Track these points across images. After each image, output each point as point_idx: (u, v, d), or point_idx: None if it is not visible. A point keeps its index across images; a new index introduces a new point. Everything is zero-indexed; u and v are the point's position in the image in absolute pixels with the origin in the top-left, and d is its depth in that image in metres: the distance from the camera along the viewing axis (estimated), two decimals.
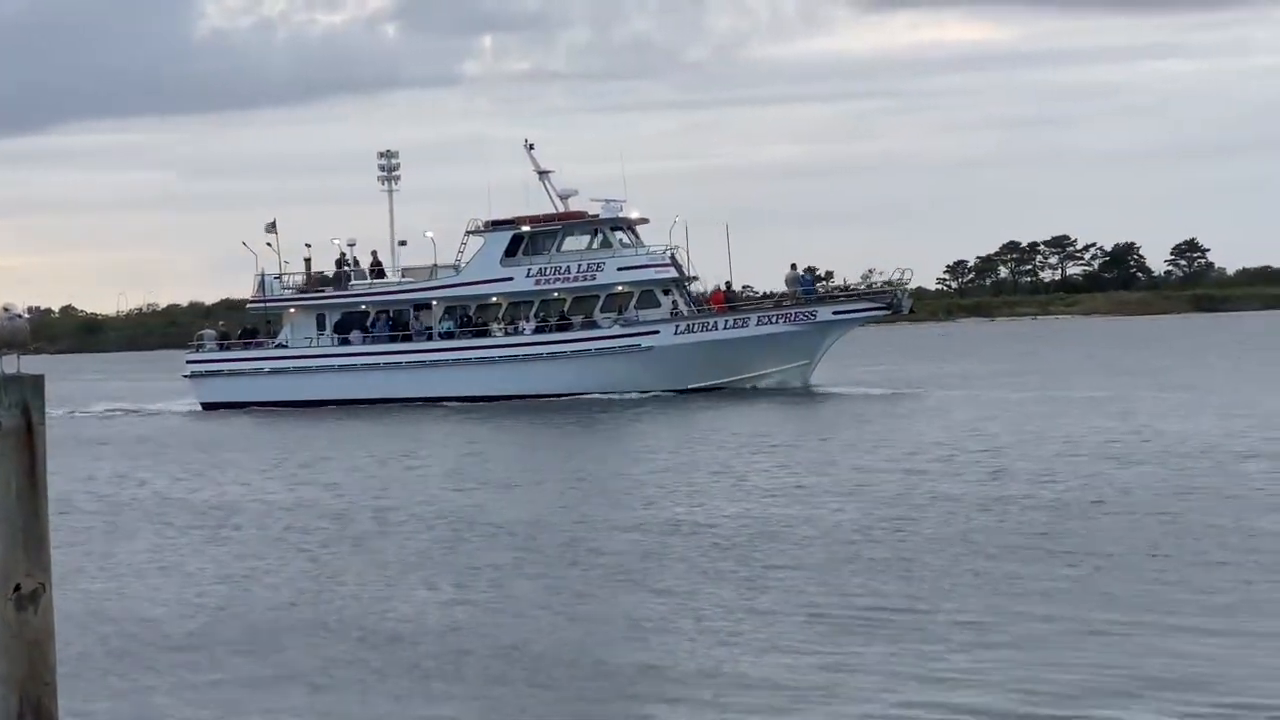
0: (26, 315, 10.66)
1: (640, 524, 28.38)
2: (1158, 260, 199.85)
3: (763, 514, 29.02)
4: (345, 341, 70.82)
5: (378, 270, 72.43)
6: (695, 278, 69.64)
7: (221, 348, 73.27)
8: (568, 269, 68.07)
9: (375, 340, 70.52)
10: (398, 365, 69.30)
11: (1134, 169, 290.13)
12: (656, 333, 66.82)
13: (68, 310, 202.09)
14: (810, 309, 66.71)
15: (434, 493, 35.09)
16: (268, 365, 71.22)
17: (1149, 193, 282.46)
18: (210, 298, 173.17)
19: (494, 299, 69.40)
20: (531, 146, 71.06)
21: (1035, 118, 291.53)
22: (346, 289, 71.98)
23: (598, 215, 69.17)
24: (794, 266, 68.30)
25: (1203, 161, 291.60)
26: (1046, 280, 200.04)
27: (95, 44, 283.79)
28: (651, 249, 68.97)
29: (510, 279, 68.64)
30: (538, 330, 68.42)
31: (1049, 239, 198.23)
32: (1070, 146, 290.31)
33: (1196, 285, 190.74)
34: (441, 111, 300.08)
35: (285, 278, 73.16)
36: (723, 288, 69.59)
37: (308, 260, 74.18)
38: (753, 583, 22.34)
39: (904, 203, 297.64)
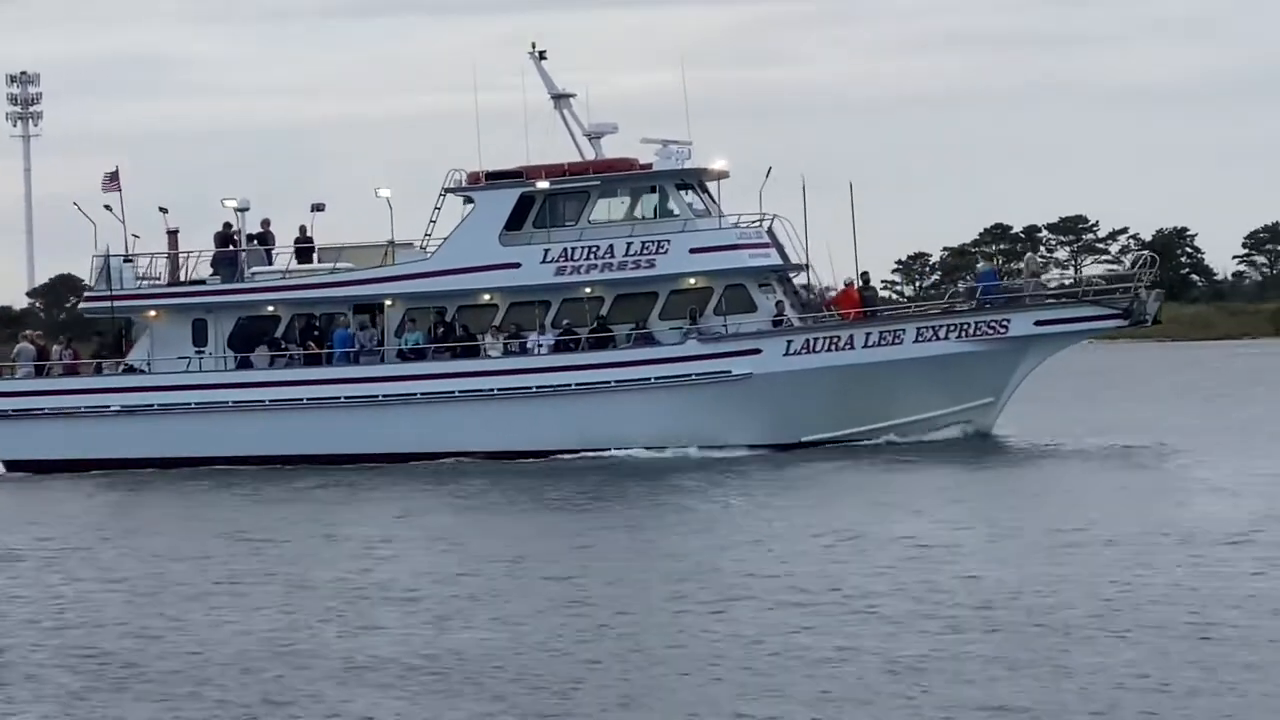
0: None
1: None
2: (1223, 256, 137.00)
3: None
4: (244, 364, 44.54)
5: (304, 250, 45.88)
6: (807, 266, 44.57)
7: (39, 372, 46.23)
8: (609, 251, 42.59)
9: (293, 363, 44.44)
10: (333, 402, 43.27)
11: (1185, 115, 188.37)
12: (758, 352, 41.81)
13: None
14: (1001, 317, 42.09)
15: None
16: (115, 401, 44.38)
17: (1210, 152, 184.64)
18: None
19: (488, 296, 43.72)
20: (543, 55, 45.46)
21: (1032, 34, 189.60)
22: (244, 280, 45.49)
23: (632, 161, 44.06)
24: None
25: None
26: (1052, 285, 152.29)
27: None
28: (742, 219, 43.83)
29: (516, 265, 43.01)
30: (560, 347, 42.91)
31: (1056, 221, 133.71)
32: (1086, 78, 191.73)
33: None
34: (102, 14, 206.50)
35: (139, 261, 46.49)
36: (857, 283, 44.27)
37: (173, 233, 47.50)
38: None
39: (827, 161, 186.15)
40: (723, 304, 42.55)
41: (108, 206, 46.34)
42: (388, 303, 44.25)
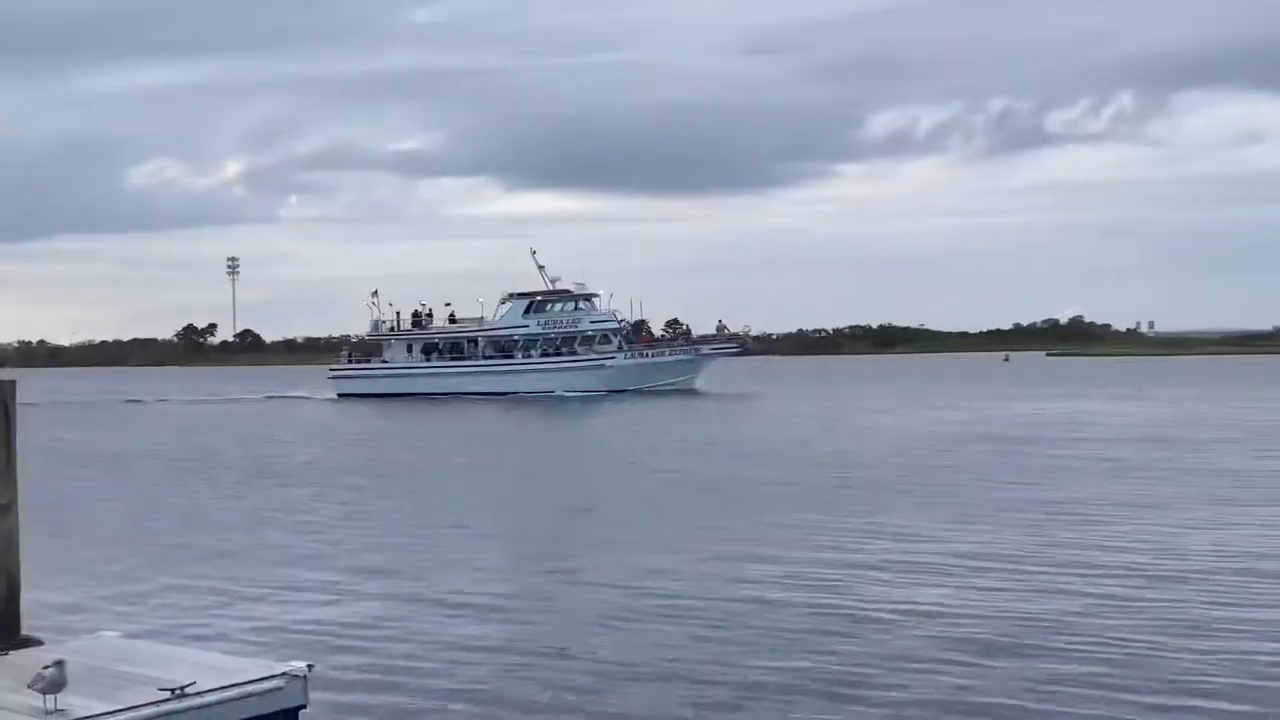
0: None
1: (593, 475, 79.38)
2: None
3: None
4: (428, 359, 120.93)
5: (450, 318, 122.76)
6: (628, 325, 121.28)
7: (352, 361, 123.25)
8: (561, 320, 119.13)
9: (443, 358, 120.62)
10: (459, 374, 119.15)
11: None
12: (614, 359, 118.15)
13: None
14: (695, 347, 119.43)
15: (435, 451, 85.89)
16: (380, 372, 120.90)
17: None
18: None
19: (516, 336, 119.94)
20: (534, 251, 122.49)
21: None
22: (427, 330, 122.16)
23: (569, 290, 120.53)
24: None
25: None
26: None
27: None
28: (607, 311, 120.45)
29: (527, 325, 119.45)
30: (543, 355, 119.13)
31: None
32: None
33: None
34: None
35: (384, 322, 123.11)
36: (647, 332, 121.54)
37: (398, 313, 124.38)
38: None
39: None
40: (599, 341, 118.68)
41: (372, 303, 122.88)
42: (480, 338, 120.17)
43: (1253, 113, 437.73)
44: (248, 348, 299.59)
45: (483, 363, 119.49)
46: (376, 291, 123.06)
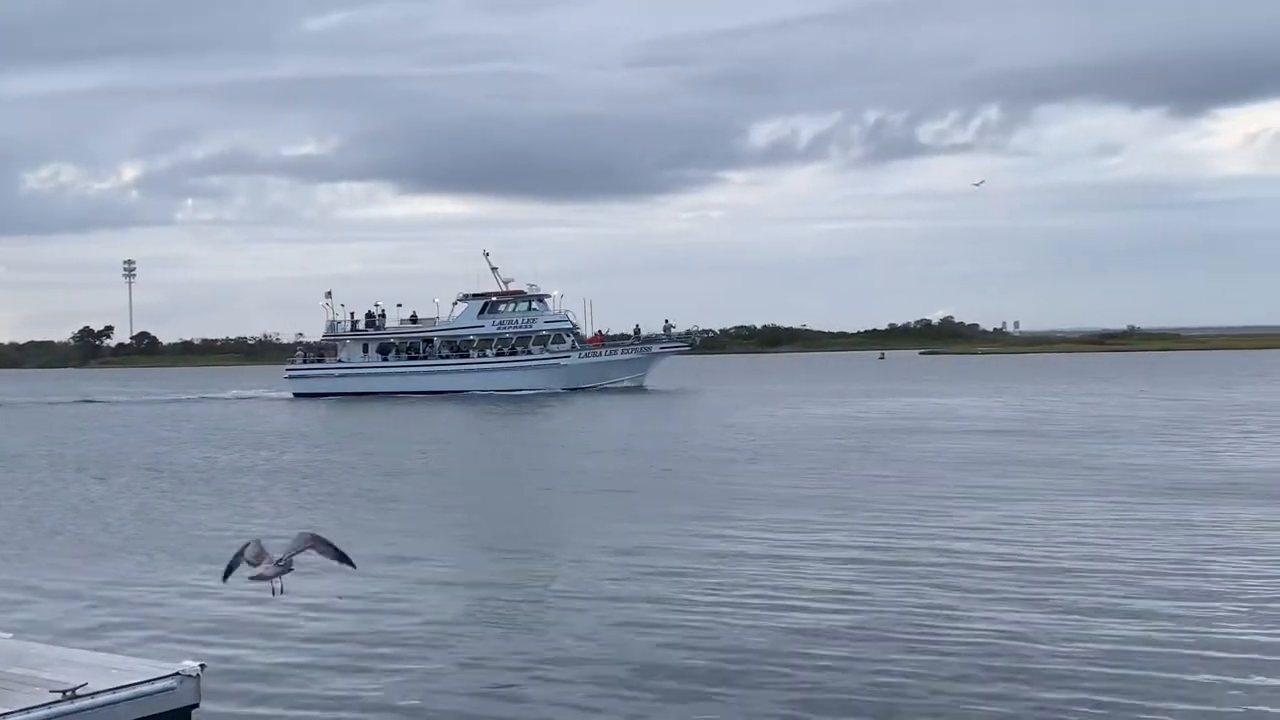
0: None
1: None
2: None
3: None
4: (384, 359, 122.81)
5: (412, 318, 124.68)
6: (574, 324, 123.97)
7: (306, 361, 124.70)
8: (516, 320, 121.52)
9: (400, 358, 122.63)
10: (416, 373, 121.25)
11: None
12: (569, 357, 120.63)
13: None
14: (646, 346, 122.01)
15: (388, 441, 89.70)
16: (337, 372, 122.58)
17: None
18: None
19: (472, 337, 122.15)
20: (487, 254, 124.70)
21: None
22: (382, 330, 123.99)
23: (524, 291, 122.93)
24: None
25: None
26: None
27: None
28: (559, 311, 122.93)
29: (483, 326, 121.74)
30: (498, 354, 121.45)
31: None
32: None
33: None
34: None
35: (340, 323, 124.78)
36: (598, 332, 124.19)
37: (352, 314, 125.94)
38: None
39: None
40: (552, 341, 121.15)
41: (326, 304, 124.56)
42: (436, 338, 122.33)
43: (1108, 125, 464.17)
44: (144, 350, 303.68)
45: (439, 362, 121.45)
46: (330, 292, 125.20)
